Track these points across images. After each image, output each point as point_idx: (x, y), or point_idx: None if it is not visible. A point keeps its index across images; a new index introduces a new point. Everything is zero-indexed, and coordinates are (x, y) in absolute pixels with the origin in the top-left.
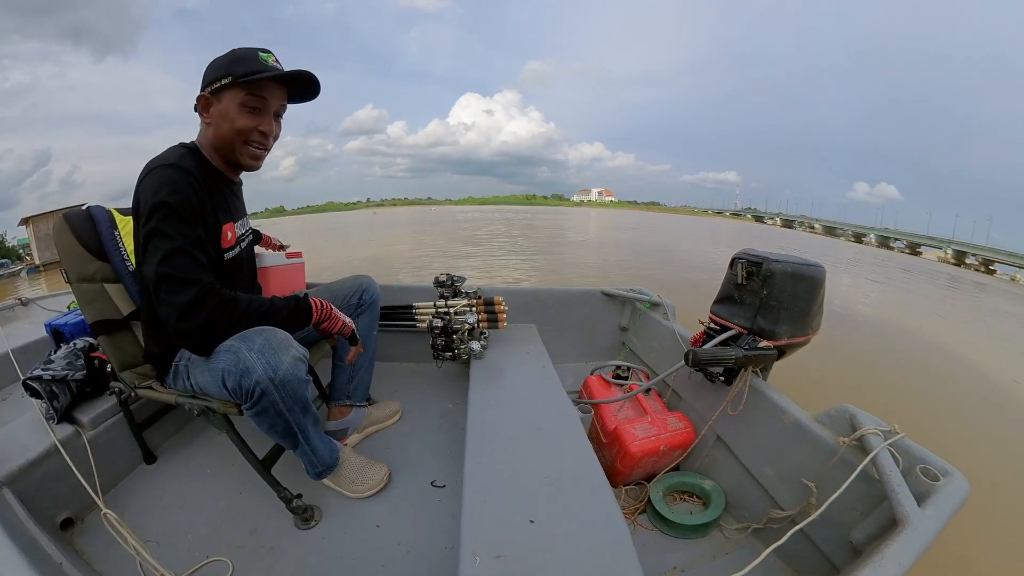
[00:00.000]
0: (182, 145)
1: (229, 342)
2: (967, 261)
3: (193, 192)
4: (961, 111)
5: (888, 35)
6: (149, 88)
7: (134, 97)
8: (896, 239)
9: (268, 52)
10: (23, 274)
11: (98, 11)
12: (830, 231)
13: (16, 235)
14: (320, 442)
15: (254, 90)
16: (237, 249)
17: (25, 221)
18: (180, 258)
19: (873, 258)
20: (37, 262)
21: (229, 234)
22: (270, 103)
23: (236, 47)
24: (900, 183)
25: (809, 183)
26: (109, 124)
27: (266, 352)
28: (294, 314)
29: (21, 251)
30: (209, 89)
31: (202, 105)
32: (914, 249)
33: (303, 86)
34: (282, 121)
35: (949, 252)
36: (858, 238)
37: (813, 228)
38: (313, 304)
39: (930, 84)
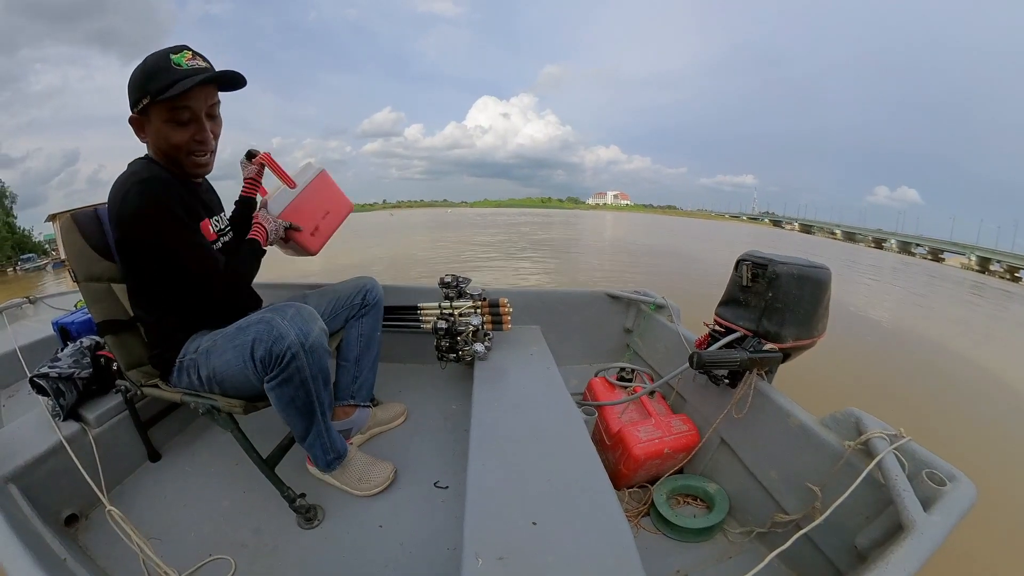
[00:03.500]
0: (147, 159)
1: (261, 313)
2: (992, 268)
3: (176, 197)
4: (985, 112)
5: (909, 33)
6: None
7: None
8: (918, 245)
9: (181, 51)
10: (49, 268)
11: (125, 17)
12: (850, 237)
13: (43, 231)
14: (333, 428)
15: (175, 102)
16: (220, 243)
17: (52, 217)
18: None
19: (894, 263)
20: (63, 257)
21: (211, 228)
22: (197, 109)
23: (150, 52)
24: (922, 187)
25: (828, 187)
26: None
27: (297, 320)
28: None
29: (47, 247)
30: (136, 110)
31: (136, 127)
32: (936, 255)
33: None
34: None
35: (973, 258)
36: (878, 244)
37: (833, 234)
38: (258, 235)
39: (953, 84)
